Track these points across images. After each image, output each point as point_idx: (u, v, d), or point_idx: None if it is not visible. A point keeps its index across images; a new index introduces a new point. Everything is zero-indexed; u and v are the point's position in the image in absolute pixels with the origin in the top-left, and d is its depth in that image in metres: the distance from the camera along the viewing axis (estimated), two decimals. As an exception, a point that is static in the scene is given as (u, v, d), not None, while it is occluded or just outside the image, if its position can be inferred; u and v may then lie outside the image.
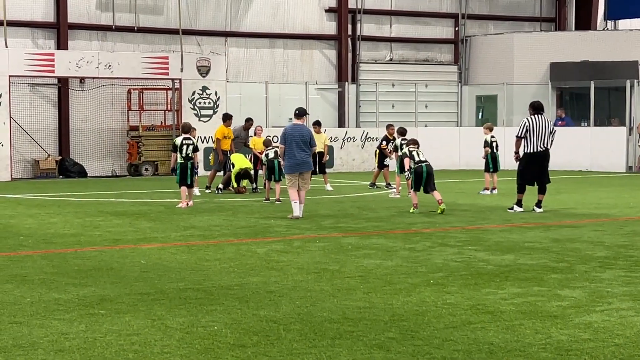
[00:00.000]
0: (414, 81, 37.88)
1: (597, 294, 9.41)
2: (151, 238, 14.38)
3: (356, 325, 7.97)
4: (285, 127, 18.07)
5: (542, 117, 18.39)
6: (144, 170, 32.32)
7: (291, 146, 17.46)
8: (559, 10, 42.18)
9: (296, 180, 17.56)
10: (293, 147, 17.45)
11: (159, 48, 33.99)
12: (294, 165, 17.51)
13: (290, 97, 35.38)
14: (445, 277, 10.46)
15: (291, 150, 17.48)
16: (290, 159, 17.53)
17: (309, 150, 17.65)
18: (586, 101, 35.40)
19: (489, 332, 7.72)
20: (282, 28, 36.91)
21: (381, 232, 15.20)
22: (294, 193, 17.40)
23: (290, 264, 11.52)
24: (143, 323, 8.08)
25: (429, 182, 18.27)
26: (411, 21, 39.55)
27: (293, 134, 17.54)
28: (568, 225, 16.06)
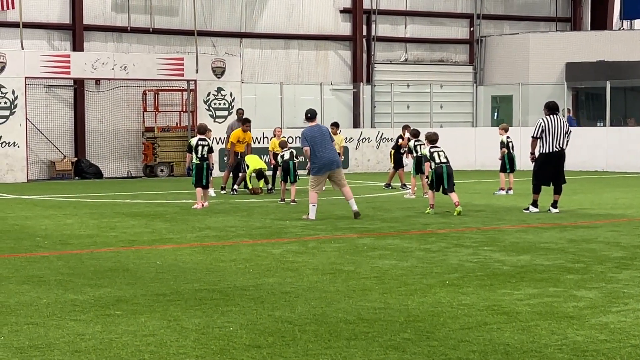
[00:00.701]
0: (429, 82, 37.85)
1: (614, 294, 9.38)
2: (167, 239, 14.41)
3: (371, 326, 7.96)
4: (303, 131, 17.80)
5: (558, 118, 18.34)
6: (159, 172, 32.39)
7: (314, 147, 17.34)
8: (575, 10, 42.06)
9: (322, 183, 17.42)
10: (317, 148, 17.30)
11: (174, 49, 34.07)
12: (322, 166, 17.33)
13: (305, 98, 35.41)
14: (460, 278, 10.44)
15: (315, 152, 17.33)
16: (316, 160, 17.34)
17: (333, 148, 17.47)
18: (602, 101, 35.30)
19: (504, 333, 7.70)
20: (297, 29, 36.93)
21: (396, 232, 15.18)
22: (315, 196, 17.24)
23: (305, 265, 11.52)
24: (159, 324, 8.09)
25: (448, 183, 18.20)
26: (426, 21, 39.51)
27: (313, 134, 17.38)
28: (584, 226, 16.00)
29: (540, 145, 18.31)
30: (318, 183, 17.42)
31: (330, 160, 17.30)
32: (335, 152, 17.50)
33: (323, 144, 17.27)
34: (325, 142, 17.32)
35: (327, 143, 17.34)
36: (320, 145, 17.26)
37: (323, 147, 17.26)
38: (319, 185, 17.42)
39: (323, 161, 17.27)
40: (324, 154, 17.24)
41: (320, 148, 17.25)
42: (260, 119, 33.84)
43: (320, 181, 17.44)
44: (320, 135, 17.34)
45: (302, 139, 17.48)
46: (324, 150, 17.25)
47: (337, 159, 17.47)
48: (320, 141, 17.28)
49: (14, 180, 29.71)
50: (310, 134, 17.36)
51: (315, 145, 17.26)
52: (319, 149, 17.25)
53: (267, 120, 33.72)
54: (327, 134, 17.52)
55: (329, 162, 17.28)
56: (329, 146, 17.34)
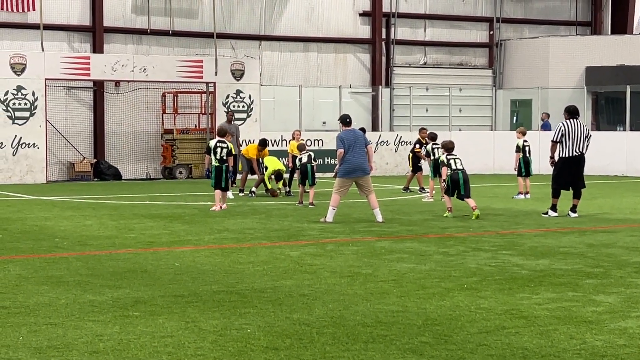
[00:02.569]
0: (448, 85, 37.78)
1: (633, 299, 9.33)
2: (185, 241, 14.44)
3: (389, 329, 7.95)
4: (339, 134, 17.84)
5: (578, 122, 18.27)
6: (178, 174, 32.46)
7: (350, 151, 17.31)
8: (595, 14, 41.90)
9: (346, 188, 17.42)
10: (352, 152, 17.29)
11: (194, 51, 34.14)
12: (349, 171, 17.36)
13: (323, 101, 35.43)
14: (479, 282, 10.41)
15: (350, 156, 17.30)
16: (346, 163, 17.38)
17: (365, 155, 17.46)
18: (622, 105, 35.16)
19: (523, 337, 7.68)
20: (316, 32, 36.95)
21: (415, 236, 15.16)
22: (337, 199, 17.24)
23: (323, 268, 11.52)
24: (177, 325, 8.11)
25: (465, 189, 18.17)
26: (445, 25, 39.45)
27: (349, 137, 17.41)
28: (603, 231, 15.93)
29: (560, 149, 18.24)
30: (342, 186, 17.42)
31: (358, 166, 17.35)
32: (364, 159, 17.45)
33: (354, 149, 17.32)
34: (357, 147, 17.36)
35: (359, 149, 17.37)
36: (351, 150, 17.30)
37: (354, 152, 17.31)
38: (343, 189, 17.41)
39: (351, 166, 17.32)
40: (354, 159, 17.30)
41: (351, 152, 17.29)
42: (279, 121, 33.88)
43: (345, 185, 17.42)
44: (354, 140, 17.38)
45: (338, 142, 17.55)
46: (354, 155, 17.32)
47: (365, 166, 17.43)
48: (353, 146, 17.31)
49: (34, 181, 29.84)
50: (347, 138, 17.43)
51: (348, 149, 17.30)
52: (349, 153, 17.30)
53: (285, 122, 33.73)
54: (361, 140, 17.53)
55: (356, 167, 17.34)
56: (359, 152, 17.37)
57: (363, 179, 17.45)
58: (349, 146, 17.30)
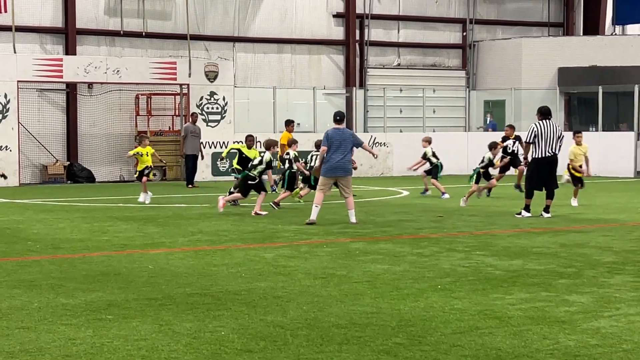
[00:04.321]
0: (422, 86, 37.86)
1: (605, 299, 9.39)
2: (159, 243, 14.39)
3: (363, 331, 7.96)
4: (327, 130, 17.85)
5: (550, 123, 18.37)
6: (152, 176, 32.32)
7: (331, 149, 17.33)
8: (567, 15, 42.14)
9: (328, 186, 17.44)
10: (331, 150, 17.33)
11: (167, 53, 34.04)
12: (330, 169, 17.36)
13: (298, 103, 35.42)
14: (452, 283, 10.44)
15: (329, 154, 17.36)
16: (328, 162, 17.39)
17: (348, 155, 17.40)
18: (594, 106, 35.37)
19: (496, 337, 7.70)
20: (290, 33, 36.94)
21: (389, 237, 15.18)
22: (320, 197, 17.29)
23: (297, 269, 11.52)
24: (150, 328, 8.08)
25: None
26: (419, 26, 39.55)
27: (335, 136, 17.36)
28: (576, 231, 16.02)
29: (533, 150, 18.33)
30: (324, 185, 17.49)
31: (339, 166, 17.32)
32: (347, 159, 17.39)
33: (338, 148, 17.29)
34: (342, 147, 17.30)
35: (343, 148, 17.31)
36: (334, 149, 17.28)
37: (337, 151, 17.29)
38: (324, 187, 17.47)
39: (331, 164, 17.32)
40: (335, 157, 17.29)
41: (334, 151, 17.28)
42: (253, 123, 33.83)
43: (326, 183, 17.49)
44: (339, 140, 17.33)
45: (323, 138, 17.58)
46: (337, 154, 17.30)
47: (345, 166, 17.39)
48: (337, 145, 17.29)
49: (6, 184, 29.65)
50: (331, 135, 17.42)
51: (331, 147, 17.29)
52: (332, 152, 17.30)
53: (259, 124, 33.71)
54: (348, 140, 17.41)
55: (337, 167, 17.32)
56: (342, 152, 17.31)
57: (344, 179, 17.43)
58: (332, 144, 17.28)
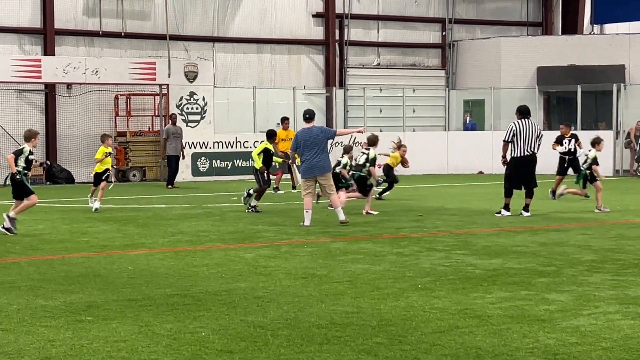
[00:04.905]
0: (402, 86, 37.91)
1: (585, 297, 9.43)
2: (139, 244, 14.35)
3: (344, 331, 7.96)
4: (297, 132, 17.73)
5: (529, 122, 18.44)
6: (131, 176, 32.26)
7: (303, 150, 17.21)
8: (546, 14, 42.29)
9: (312, 187, 17.25)
10: (304, 151, 17.19)
11: (146, 53, 33.94)
12: (307, 169, 17.19)
13: (278, 102, 35.37)
14: (433, 282, 10.46)
15: (303, 155, 17.23)
16: (304, 162, 17.26)
17: (323, 153, 17.17)
18: (573, 105, 35.52)
19: (476, 336, 7.72)
20: (270, 33, 36.90)
21: (369, 236, 15.19)
22: (307, 201, 17.03)
23: (278, 269, 11.51)
24: (130, 329, 8.06)
25: None
26: (398, 26, 39.59)
27: (303, 136, 17.22)
28: (555, 229, 16.09)
29: (512, 149, 18.41)
30: (307, 187, 17.26)
31: (315, 165, 17.11)
32: (322, 157, 17.15)
33: (311, 148, 17.12)
34: (314, 145, 17.09)
35: (316, 147, 17.09)
36: (308, 149, 17.14)
37: (310, 150, 17.12)
38: (308, 190, 17.21)
39: (308, 165, 17.19)
40: (309, 157, 17.14)
41: (308, 151, 17.14)
42: (233, 123, 33.79)
43: (308, 185, 17.27)
44: (310, 138, 17.16)
45: (293, 142, 17.45)
46: (310, 154, 17.12)
47: (321, 164, 17.14)
48: (309, 144, 17.14)
49: (-15, 186, 29.49)
50: (300, 136, 17.31)
51: (304, 148, 17.19)
52: (305, 152, 17.18)
53: (239, 124, 33.68)
54: (320, 138, 17.18)
55: (313, 166, 17.13)
56: (316, 151, 17.10)
57: (323, 178, 17.22)
58: (303, 145, 17.16)
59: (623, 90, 34.79)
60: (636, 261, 12.03)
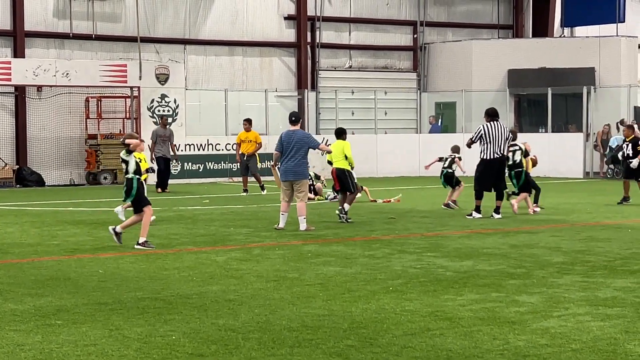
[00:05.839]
0: (373, 88, 37.96)
1: (555, 299, 9.48)
2: (109, 247, 14.28)
3: (315, 333, 7.96)
4: (281, 134, 17.55)
5: (498, 124, 18.55)
6: (102, 179, 32.11)
7: (284, 153, 17.09)
8: (517, 17, 42.51)
9: (287, 191, 17.09)
10: (285, 154, 17.05)
11: (117, 56, 33.80)
12: (283, 173, 17.10)
13: (249, 105, 35.32)
14: (404, 284, 10.48)
15: (283, 158, 17.11)
16: (282, 165, 17.17)
17: (302, 158, 17.05)
18: (544, 107, 35.71)
19: (447, 338, 7.75)
20: (241, 35, 36.85)
21: (341, 239, 15.21)
22: (284, 205, 16.92)
23: (249, 272, 11.49)
24: (100, 333, 8.02)
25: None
26: (370, 28, 39.65)
27: (286, 139, 17.10)
28: (526, 231, 16.17)
29: (482, 151, 18.52)
30: (283, 191, 17.16)
31: (290, 169, 17.00)
32: (300, 162, 17.01)
33: (289, 152, 17.03)
34: (293, 150, 16.98)
35: (295, 151, 16.96)
36: (287, 151, 17.04)
37: (288, 154, 17.03)
38: (284, 193, 17.11)
39: (284, 168, 17.13)
40: (286, 161, 17.05)
41: (287, 154, 17.06)
42: (205, 125, 33.71)
43: (284, 189, 17.14)
44: (292, 142, 17.04)
45: (277, 143, 17.33)
46: (288, 158, 17.04)
47: (297, 169, 17.00)
48: (290, 147, 17.04)
49: (-46, 189, 29.26)
50: (283, 138, 17.21)
51: (285, 150, 17.10)
52: (285, 155, 17.12)
53: (211, 127, 33.60)
54: (300, 143, 17.02)
55: (287, 170, 17.04)
56: (294, 155, 16.97)
57: (297, 184, 17.06)
58: (283, 147, 17.10)
59: (593, 93, 35.00)
60: (606, 263, 12.11)
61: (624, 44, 37.46)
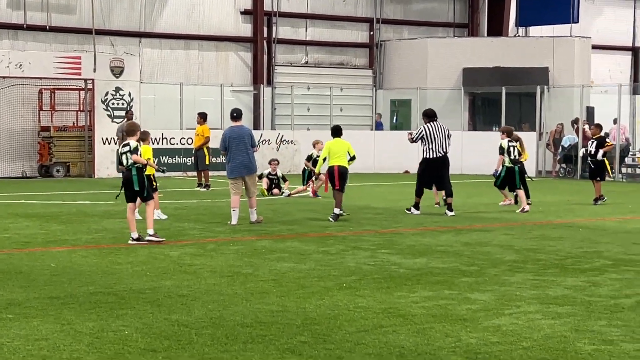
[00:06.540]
0: (329, 84, 38.00)
1: (506, 297, 9.57)
2: (62, 241, 14.18)
3: (269, 329, 7.97)
4: (224, 131, 17.60)
5: (437, 124, 18.98)
6: (55, 172, 31.82)
7: (232, 149, 17.08)
8: (472, 16, 42.76)
9: (239, 185, 17.11)
10: (234, 150, 17.05)
11: (72, 48, 33.49)
12: (234, 169, 17.09)
13: (205, 99, 35.15)
14: (358, 281, 10.52)
15: (231, 154, 17.08)
16: (231, 162, 17.13)
17: (250, 153, 17.13)
18: (498, 106, 35.96)
19: (400, 335, 7.79)
20: (198, 29, 36.69)
21: (295, 235, 15.22)
22: (236, 200, 16.91)
23: (203, 268, 11.47)
24: (52, 328, 7.96)
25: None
26: (327, 25, 39.67)
27: (231, 135, 17.13)
28: (479, 229, 16.29)
29: (424, 151, 18.92)
30: (234, 187, 17.14)
31: (241, 164, 17.04)
32: (248, 156, 17.08)
33: (238, 147, 17.04)
34: (241, 144, 17.00)
35: (243, 146, 17.01)
36: (235, 148, 17.06)
37: (237, 150, 17.04)
38: (235, 189, 17.08)
39: (235, 164, 17.10)
40: (237, 156, 17.05)
41: (235, 150, 17.06)
42: (160, 119, 33.51)
43: (236, 184, 17.14)
44: (238, 138, 17.09)
45: (221, 141, 17.31)
46: (237, 153, 17.04)
47: (247, 163, 17.06)
48: (236, 143, 17.05)
49: None
50: (229, 135, 17.20)
51: (230, 147, 17.10)
52: (232, 151, 17.09)
53: (166, 121, 33.43)
54: (247, 137, 17.11)
55: (239, 165, 17.05)
56: (243, 150, 17.02)
57: (250, 177, 17.17)
58: (231, 144, 17.07)
59: (546, 93, 35.32)
60: (557, 261, 12.25)
61: (578, 44, 37.84)
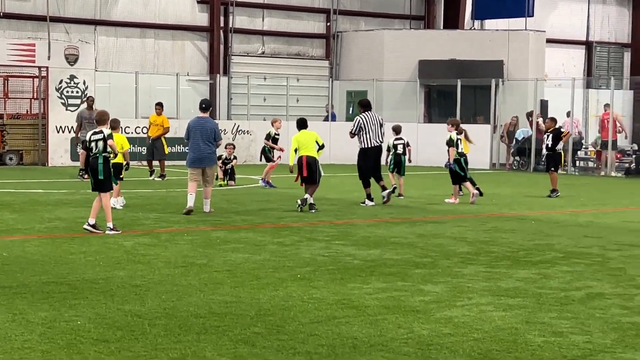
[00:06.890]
0: (286, 75, 37.98)
1: (459, 289, 9.66)
2: (14, 230, 14.06)
3: (222, 320, 7.98)
4: (190, 121, 17.60)
5: (372, 114, 19.50)
6: (8, 160, 31.49)
7: (195, 139, 17.06)
8: (428, 8, 42.93)
9: (198, 175, 17.09)
10: (197, 140, 17.04)
11: (26, 35, 33.14)
12: (194, 160, 17.10)
13: (161, 88, 35.00)
14: (312, 272, 10.56)
15: (193, 144, 17.09)
16: (192, 152, 17.14)
17: (212, 145, 17.20)
18: (453, 99, 36.16)
19: (353, 326, 7.84)
20: (154, 18, 36.47)
21: (250, 225, 15.22)
22: (193, 186, 16.88)
23: (157, 258, 11.44)
24: (3, 317, 7.91)
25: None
26: (283, 15, 39.63)
27: (195, 125, 17.16)
28: (433, 221, 16.40)
29: (361, 141, 19.31)
30: (193, 176, 17.07)
31: (201, 155, 17.08)
32: (208, 149, 17.11)
33: (200, 138, 17.05)
34: (202, 136, 17.04)
35: (204, 138, 17.05)
36: (201, 139, 17.06)
37: (202, 141, 17.06)
38: (194, 177, 17.06)
39: (195, 155, 17.12)
40: (201, 146, 17.07)
41: (200, 141, 17.06)
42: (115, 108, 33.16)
43: (194, 173, 17.10)
44: (201, 129, 17.10)
45: (186, 131, 17.36)
46: (197, 144, 17.07)
47: (205, 156, 17.10)
48: (203, 135, 17.05)
49: None
50: (193, 125, 17.23)
51: (193, 137, 17.08)
52: (197, 142, 17.08)
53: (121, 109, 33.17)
54: (209, 130, 17.12)
55: (199, 157, 17.10)
56: (203, 142, 17.05)
57: (210, 169, 17.31)
58: (194, 134, 17.04)
59: (501, 86, 35.60)
60: (509, 254, 12.37)
61: (533, 38, 38.14)
